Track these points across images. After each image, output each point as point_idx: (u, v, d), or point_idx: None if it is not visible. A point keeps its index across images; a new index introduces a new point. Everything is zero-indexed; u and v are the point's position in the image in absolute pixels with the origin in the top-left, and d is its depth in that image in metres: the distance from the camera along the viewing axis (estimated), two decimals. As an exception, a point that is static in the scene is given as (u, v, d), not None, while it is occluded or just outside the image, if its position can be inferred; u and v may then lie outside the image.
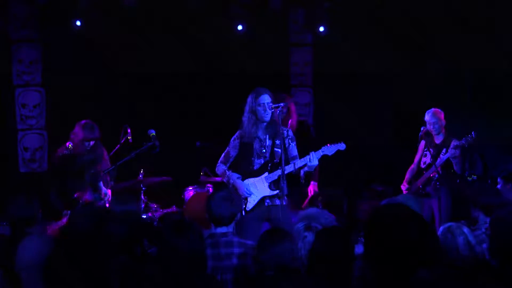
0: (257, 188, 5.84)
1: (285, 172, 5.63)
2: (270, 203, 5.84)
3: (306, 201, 7.57)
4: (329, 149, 5.84)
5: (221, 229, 4.40)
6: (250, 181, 5.87)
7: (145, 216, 7.01)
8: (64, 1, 8.38)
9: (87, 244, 2.67)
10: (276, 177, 5.78)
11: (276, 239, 3.77)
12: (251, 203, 5.81)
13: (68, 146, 7.29)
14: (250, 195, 5.80)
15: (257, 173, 5.89)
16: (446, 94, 8.85)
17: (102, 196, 6.80)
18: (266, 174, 5.85)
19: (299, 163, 5.78)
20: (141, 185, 7.27)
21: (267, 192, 5.83)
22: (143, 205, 7.17)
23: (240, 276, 4.16)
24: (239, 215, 5.63)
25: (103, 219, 3.86)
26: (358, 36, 8.94)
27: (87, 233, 3.05)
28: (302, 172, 5.92)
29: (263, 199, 5.84)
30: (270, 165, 5.86)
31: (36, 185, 8.08)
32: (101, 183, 6.85)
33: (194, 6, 8.60)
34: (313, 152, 5.78)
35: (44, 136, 8.78)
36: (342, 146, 5.87)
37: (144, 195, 7.25)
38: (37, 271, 3.15)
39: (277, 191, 5.78)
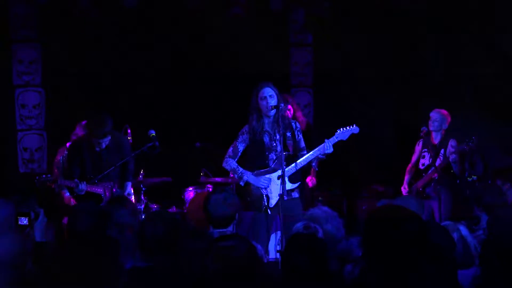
0: (277, 183, 5.64)
1: (306, 162, 5.68)
2: (287, 197, 5.68)
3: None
4: (343, 134, 5.79)
5: (219, 230, 4.38)
6: (267, 177, 5.76)
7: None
8: (64, 1, 8.37)
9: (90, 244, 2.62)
10: (294, 170, 5.69)
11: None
12: (273, 199, 5.72)
13: (68, 147, 7.28)
14: (267, 187, 5.71)
15: (273, 170, 5.77)
16: (446, 95, 8.83)
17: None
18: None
19: (316, 152, 5.71)
20: (141, 186, 7.26)
21: (288, 186, 5.68)
22: (143, 206, 7.15)
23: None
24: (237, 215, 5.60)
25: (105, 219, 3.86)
26: (358, 36, 8.92)
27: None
28: (315, 161, 5.92)
29: (282, 194, 5.64)
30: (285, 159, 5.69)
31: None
32: None
33: (194, 6, 8.58)
34: (327, 139, 5.72)
35: (44, 136, 8.76)
36: (356, 129, 5.81)
37: (144, 196, 7.24)
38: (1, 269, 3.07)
39: (298, 183, 5.73)
